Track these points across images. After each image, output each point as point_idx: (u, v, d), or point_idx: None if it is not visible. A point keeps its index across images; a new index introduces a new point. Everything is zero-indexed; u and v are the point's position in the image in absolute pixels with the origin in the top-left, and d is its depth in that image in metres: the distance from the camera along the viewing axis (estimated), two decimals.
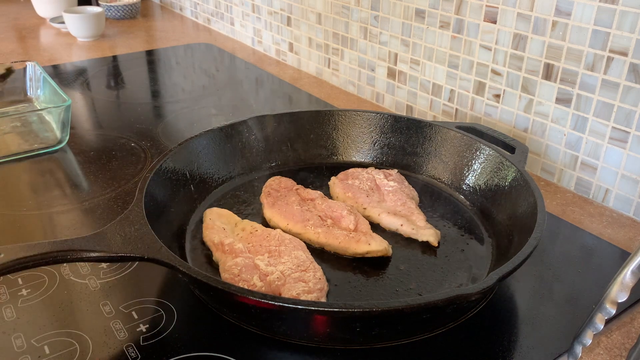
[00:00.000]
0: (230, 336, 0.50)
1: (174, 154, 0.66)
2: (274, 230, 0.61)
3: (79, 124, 0.94)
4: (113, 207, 0.70)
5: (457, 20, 0.84)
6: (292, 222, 0.63)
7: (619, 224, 0.70)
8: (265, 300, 0.43)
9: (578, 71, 0.71)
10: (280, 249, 0.57)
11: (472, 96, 0.86)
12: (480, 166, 0.69)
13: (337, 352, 0.49)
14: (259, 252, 0.57)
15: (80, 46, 1.36)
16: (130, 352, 0.48)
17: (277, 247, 0.58)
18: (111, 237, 0.50)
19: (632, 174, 0.69)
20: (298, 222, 0.63)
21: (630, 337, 0.52)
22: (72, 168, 0.81)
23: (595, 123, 0.71)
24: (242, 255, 0.56)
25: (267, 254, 0.57)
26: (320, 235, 0.61)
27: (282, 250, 0.57)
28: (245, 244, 0.59)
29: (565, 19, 0.71)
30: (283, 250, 0.57)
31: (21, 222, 0.67)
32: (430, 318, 0.49)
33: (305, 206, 0.65)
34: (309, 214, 0.64)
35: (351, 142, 0.79)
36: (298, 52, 1.22)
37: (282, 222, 0.64)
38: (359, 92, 1.09)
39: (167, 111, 1.00)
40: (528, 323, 0.52)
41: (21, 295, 0.55)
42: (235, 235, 0.61)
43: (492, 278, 0.46)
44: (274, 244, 0.58)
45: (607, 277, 0.42)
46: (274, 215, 0.65)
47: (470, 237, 0.63)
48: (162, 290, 0.56)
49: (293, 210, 0.64)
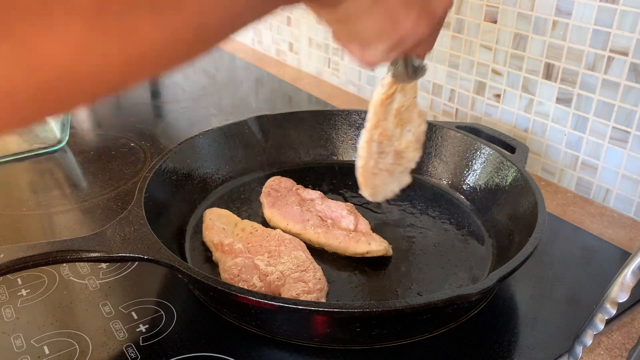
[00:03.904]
0: (230, 336, 0.50)
1: (173, 154, 0.66)
2: (273, 230, 0.61)
3: (79, 124, 0.94)
4: (113, 207, 0.70)
5: (457, 20, 0.84)
6: (292, 222, 0.63)
7: (619, 224, 0.69)
8: (265, 301, 0.43)
9: (578, 71, 0.71)
10: (280, 249, 0.57)
11: (472, 96, 0.86)
12: (480, 166, 0.69)
13: (337, 352, 0.48)
14: (259, 252, 0.57)
15: None
16: (130, 353, 0.48)
17: (277, 247, 0.58)
18: (111, 237, 0.50)
19: (633, 174, 0.69)
20: (298, 222, 0.63)
21: (630, 338, 0.52)
22: (71, 168, 0.81)
23: (595, 123, 0.71)
24: (242, 255, 0.56)
25: (267, 254, 0.57)
26: (320, 236, 0.61)
27: (282, 250, 0.57)
28: (245, 244, 0.59)
29: (565, 19, 0.70)
30: (283, 251, 0.57)
31: (21, 222, 0.67)
32: (430, 318, 0.49)
33: (305, 206, 0.65)
34: (309, 214, 0.64)
35: (351, 142, 0.79)
36: (298, 52, 1.22)
37: (281, 222, 0.64)
38: (359, 92, 1.09)
39: (167, 111, 1.00)
40: (528, 323, 0.52)
41: (21, 295, 0.55)
42: (235, 236, 0.61)
43: (492, 278, 0.46)
44: (274, 244, 0.58)
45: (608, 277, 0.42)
46: (274, 215, 0.65)
47: (470, 237, 0.63)
48: (161, 291, 0.56)
49: (293, 211, 0.64)
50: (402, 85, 0.55)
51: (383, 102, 0.55)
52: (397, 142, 0.59)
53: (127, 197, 0.72)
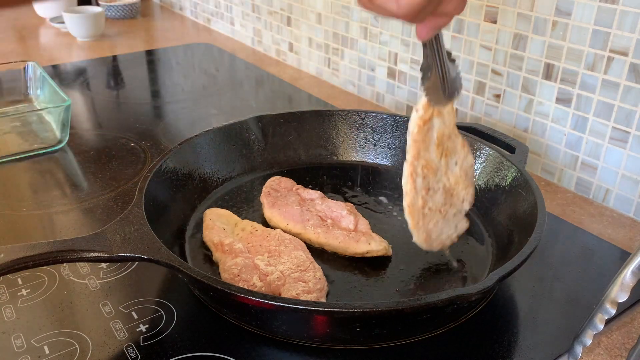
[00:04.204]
0: (230, 336, 0.50)
1: (173, 154, 0.66)
2: (273, 230, 0.61)
3: (79, 124, 0.94)
4: (113, 207, 0.70)
5: (457, 20, 0.84)
6: (292, 222, 0.63)
7: (619, 224, 0.70)
8: (265, 301, 0.43)
9: (578, 71, 0.71)
10: (280, 249, 0.57)
11: (472, 96, 0.86)
12: (480, 166, 0.69)
13: (337, 352, 0.48)
14: (259, 252, 0.57)
15: (80, 46, 1.36)
16: (130, 352, 0.48)
17: (277, 247, 0.58)
18: (111, 237, 0.50)
19: (633, 174, 0.69)
20: (298, 222, 0.63)
21: (630, 337, 0.52)
22: (72, 168, 0.81)
23: (595, 123, 0.71)
24: (242, 255, 0.56)
25: (267, 254, 0.57)
26: (320, 235, 0.61)
27: (282, 250, 0.57)
28: (245, 244, 0.59)
29: (565, 19, 0.71)
30: (283, 250, 0.57)
31: (21, 222, 0.67)
32: (430, 318, 0.49)
33: (305, 206, 0.65)
34: (309, 214, 0.64)
35: (351, 142, 0.79)
36: (298, 52, 1.22)
37: (282, 222, 0.64)
38: (359, 92, 1.09)
39: (167, 111, 1.00)
40: (528, 323, 0.52)
41: (21, 295, 0.55)
42: (235, 235, 0.61)
43: (492, 278, 0.46)
44: (274, 244, 0.58)
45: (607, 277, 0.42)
46: (274, 215, 0.65)
47: (470, 237, 0.63)
48: (162, 290, 0.56)
49: (293, 211, 0.64)
50: (438, 109, 0.51)
51: (421, 128, 0.51)
52: (445, 178, 0.55)
53: (127, 197, 0.72)
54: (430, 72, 0.49)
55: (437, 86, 0.48)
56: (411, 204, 0.53)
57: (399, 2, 0.38)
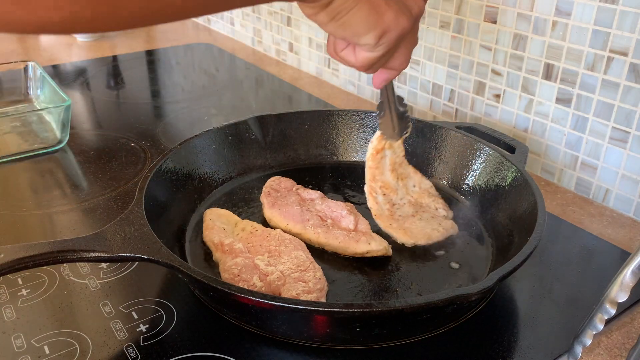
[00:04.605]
0: (230, 336, 0.50)
1: (174, 154, 0.66)
2: (274, 230, 0.61)
3: (79, 124, 0.94)
4: (113, 207, 0.70)
5: (457, 20, 0.84)
6: (292, 222, 0.63)
7: (619, 224, 0.70)
8: (265, 301, 0.44)
9: (578, 71, 0.71)
10: (280, 249, 0.57)
11: (472, 96, 0.86)
12: (480, 166, 0.69)
13: (337, 352, 0.49)
14: (259, 252, 0.57)
15: (80, 46, 1.36)
16: (130, 352, 0.48)
17: (277, 247, 0.58)
18: (111, 237, 0.50)
19: (633, 174, 0.69)
20: (298, 222, 0.63)
21: (630, 337, 0.52)
22: (72, 168, 0.81)
23: (595, 123, 0.71)
24: (242, 255, 0.56)
25: (267, 254, 0.57)
26: (320, 235, 0.61)
27: (282, 250, 0.57)
28: (245, 244, 0.59)
29: (565, 19, 0.71)
30: (283, 250, 0.57)
31: (21, 222, 0.67)
32: (430, 318, 0.49)
33: (305, 206, 0.65)
34: (309, 214, 0.64)
35: (351, 142, 0.79)
36: (298, 52, 1.22)
37: (282, 222, 0.64)
38: (359, 92, 1.09)
39: (167, 111, 1.00)
40: (528, 323, 0.52)
41: (21, 295, 0.55)
42: (235, 235, 0.61)
43: (492, 278, 0.46)
44: (274, 244, 0.58)
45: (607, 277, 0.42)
46: (274, 215, 0.65)
47: (470, 237, 0.63)
48: (162, 290, 0.56)
49: (293, 211, 0.64)
50: (390, 142, 0.63)
51: (374, 156, 0.63)
52: (408, 196, 0.65)
53: (127, 197, 0.72)
54: (384, 111, 0.61)
55: (389, 123, 0.61)
56: (378, 214, 0.63)
57: (357, 56, 0.47)
